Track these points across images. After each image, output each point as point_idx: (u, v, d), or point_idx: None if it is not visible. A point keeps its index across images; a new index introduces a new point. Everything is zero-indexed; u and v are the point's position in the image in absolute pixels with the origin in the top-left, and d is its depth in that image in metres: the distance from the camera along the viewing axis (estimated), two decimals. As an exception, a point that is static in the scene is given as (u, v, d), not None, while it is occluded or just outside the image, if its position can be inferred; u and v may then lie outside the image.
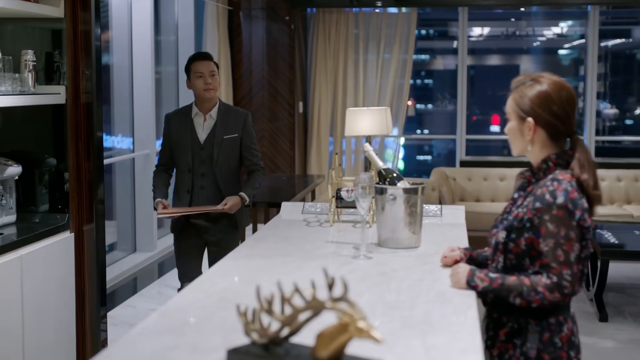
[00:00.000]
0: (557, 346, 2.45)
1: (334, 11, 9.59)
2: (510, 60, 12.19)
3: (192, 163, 4.48)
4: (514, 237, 2.46)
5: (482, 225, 6.18)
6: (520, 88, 2.50)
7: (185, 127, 4.50)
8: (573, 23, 11.48)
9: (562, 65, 11.82)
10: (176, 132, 4.52)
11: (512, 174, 8.58)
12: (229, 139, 4.49)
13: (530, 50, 11.81)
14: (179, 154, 4.51)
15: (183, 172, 4.52)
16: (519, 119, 2.49)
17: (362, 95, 9.62)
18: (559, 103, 2.45)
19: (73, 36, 4.02)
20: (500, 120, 11.45)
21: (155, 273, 7.35)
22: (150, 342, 1.95)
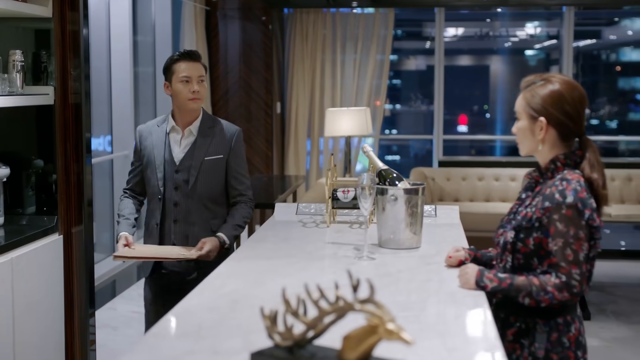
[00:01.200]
0: (565, 346, 2.46)
1: (311, 11, 9.57)
2: (479, 61, 12.26)
3: (163, 189, 3.62)
4: (523, 237, 2.47)
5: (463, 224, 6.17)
6: (532, 87, 2.51)
7: (159, 143, 3.66)
8: (545, 24, 11.58)
9: (529, 65, 11.91)
10: (148, 149, 3.68)
11: (490, 174, 8.62)
12: (211, 161, 3.61)
13: (500, 51, 11.88)
14: (150, 176, 3.68)
15: (153, 199, 3.69)
16: (530, 118, 2.49)
17: (340, 95, 9.62)
18: (571, 103, 2.46)
19: (61, 36, 3.97)
20: (468, 121, 11.54)
21: (134, 275, 7.29)
22: (168, 346, 1.92)
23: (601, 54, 11.94)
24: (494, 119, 11.65)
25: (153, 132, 3.70)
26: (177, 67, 3.58)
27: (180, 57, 3.61)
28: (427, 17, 10.99)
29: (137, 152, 3.76)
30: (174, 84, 3.59)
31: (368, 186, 2.84)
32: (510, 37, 11.68)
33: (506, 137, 11.62)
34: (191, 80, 3.56)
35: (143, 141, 3.71)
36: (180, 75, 3.57)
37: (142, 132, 3.75)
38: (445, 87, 9.82)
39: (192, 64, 3.60)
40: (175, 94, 3.59)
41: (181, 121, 3.66)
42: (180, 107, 3.62)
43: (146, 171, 3.69)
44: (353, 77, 9.63)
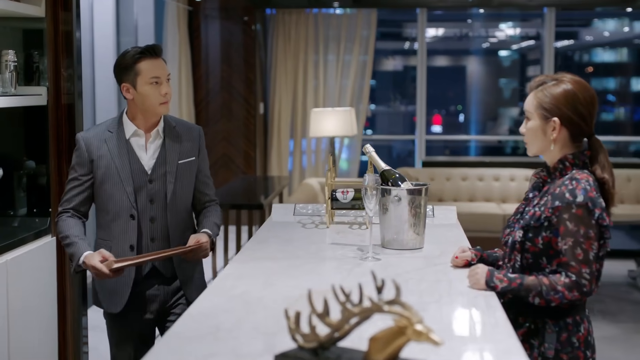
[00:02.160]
0: (575, 346, 2.48)
1: (293, 12, 9.56)
2: (457, 61, 12.30)
3: (136, 205, 3.10)
4: (531, 236, 2.47)
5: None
6: (544, 87, 2.51)
7: (119, 152, 3.09)
8: (524, 24, 11.65)
9: (504, 66, 11.98)
10: (104, 159, 3.09)
11: (473, 174, 8.66)
12: (185, 165, 3.18)
13: (478, 52, 11.92)
14: (111, 192, 3.09)
15: (119, 219, 3.09)
16: (542, 118, 2.50)
17: (323, 96, 9.61)
18: (584, 103, 2.47)
19: (54, 36, 3.93)
20: (442, 121, 11.57)
21: (118, 277, 7.22)
22: (190, 348, 1.91)
23: (575, 54, 12.02)
24: (469, 120, 11.69)
25: (107, 140, 3.10)
26: (142, 67, 3.04)
27: (143, 54, 3.06)
28: (407, 17, 11.01)
29: (83, 165, 3.10)
30: (141, 87, 3.04)
31: (373, 187, 2.83)
32: (489, 37, 11.74)
33: (484, 138, 11.68)
34: (161, 82, 3.07)
35: (95, 151, 3.09)
36: (149, 77, 3.04)
37: (89, 141, 3.11)
38: (417, 88, 9.86)
39: (157, 62, 3.08)
40: (142, 97, 3.06)
41: (144, 125, 3.13)
42: (146, 111, 3.09)
43: (103, 187, 3.09)
44: (336, 78, 9.63)
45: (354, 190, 3.47)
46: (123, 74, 3.07)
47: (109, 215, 3.10)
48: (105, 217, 3.12)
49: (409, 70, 11.89)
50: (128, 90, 3.08)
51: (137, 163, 3.11)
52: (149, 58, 3.05)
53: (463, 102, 11.80)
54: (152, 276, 3.16)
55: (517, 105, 11.76)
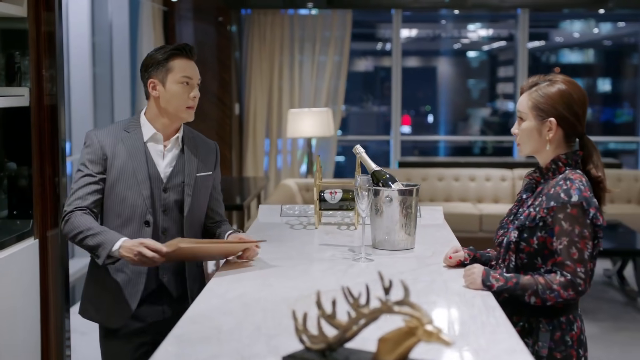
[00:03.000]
0: (568, 344, 2.49)
1: (268, 13, 9.55)
2: (428, 62, 12.34)
3: (152, 210, 2.90)
4: (526, 237, 2.49)
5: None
6: (539, 88, 2.53)
7: (136, 153, 2.90)
8: (496, 26, 11.72)
9: (473, 67, 12.04)
10: (120, 159, 2.88)
11: (450, 174, 8.70)
12: (202, 178, 3.01)
13: (449, 53, 11.97)
14: (125, 194, 2.87)
15: (130, 224, 2.87)
16: (538, 118, 2.51)
17: (298, 97, 9.61)
18: (578, 103, 2.49)
19: (36, 37, 3.89)
20: (411, 121, 11.60)
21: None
22: (193, 351, 1.89)
23: (543, 55, 12.12)
24: (438, 120, 11.72)
25: (124, 140, 2.91)
26: (175, 64, 2.87)
27: (179, 52, 2.89)
28: (380, 18, 11.03)
29: (97, 162, 2.87)
30: (170, 84, 2.86)
31: (365, 188, 2.83)
32: (461, 38, 11.80)
33: (457, 138, 11.73)
34: (192, 84, 2.90)
35: (109, 148, 2.88)
36: (180, 75, 2.86)
37: (104, 138, 2.90)
38: (388, 88, 9.89)
39: (191, 63, 2.92)
40: (169, 96, 2.86)
41: (163, 129, 2.94)
42: (171, 113, 2.89)
43: (115, 188, 2.87)
44: (311, 79, 9.64)
45: (342, 191, 3.47)
46: (153, 69, 2.89)
47: (120, 219, 2.87)
48: (114, 222, 2.86)
49: (380, 71, 11.92)
50: (155, 87, 2.89)
51: (153, 168, 2.91)
52: (183, 57, 2.89)
53: (433, 102, 11.83)
54: (159, 293, 2.95)
55: (486, 106, 11.83)
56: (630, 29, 11.45)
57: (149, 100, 2.95)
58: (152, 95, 2.91)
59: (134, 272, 2.88)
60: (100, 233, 2.74)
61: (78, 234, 2.77)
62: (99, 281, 2.94)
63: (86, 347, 5.20)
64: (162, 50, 2.90)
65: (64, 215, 2.84)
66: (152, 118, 2.94)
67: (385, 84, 11.51)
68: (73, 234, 2.79)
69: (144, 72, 2.93)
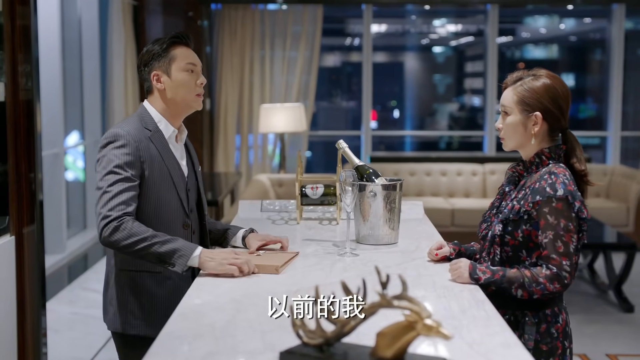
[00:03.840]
0: (554, 336, 2.52)
1: (239, 8, 9.51)
2: (395, 57, 12.36)
3: (189, 212, 2.84)
4: (511, 230, 2.51)
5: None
6: (523, 82, 2.55)
7: (168, 155, 2.78)
8: (465, 21, 11.79)
9: (439, 62, 12.09)
10: (156, 160, 2.74)
11: (421, 169, 8.74)
12: (199, 174, 3.00)
13: (416, 48, 11.99)
14: (162, 197, 2.75)
15: (170, 229, 2.72)
16: (523, 113, 2.53)
17: (269, 92, 9.59)
18: (563, 97, 2.52)
19: (11, 31, 3.84)
20: (377, 116, 11.63)
21: (65, 276, 7.11)
22: (189, 348, 1.88)
23: (508, 51, 12.22)
24: (404, 115, 11.74)
25: (152, 139, 2.74)
26: (177, 52, 2.77)
27: (178, 40, 2.80)
28: (349, 13, 11.04)
29: (134, 165, 2.67)
30: (175, 73, 2.75)
31: (349, 183, 2.83)
32: (430, 34, 11.84)
33: (426, 133, 11.78)
34: (197, 71, 2.80)
35: (145, 150, 2.71)
36: (185, 63, 2.76)
37: (138, 138, 2.70)
38: (357, 84, 9.90)
39: (191, 51, 2.83)
40: (176, 85, 2.76)
41: (175, 124, 2.83)
42: (180, 104, 2.79)
43: (155, 191, 2.73)
44: (282, 74, 9.62)
45: (323, 186, 3.47)
46: (154, 62, 2.77)
47: (162, 225, 2.71)
48: (156, 227, 2.66)
49: (347, 66, 11.93)
50: (159, 79, 2.76)
51: (180, 167, 2.83)
52: (183, 45, 2.80)
53: (399, 98, 11.85)
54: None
55: (452, 101, 11.88)
56: (596, 24, 11.57)
57: (151, 95, 2.83)
58: (156, 88, 2.79)
59: (181, 279, 2.76)
60: (171, 240, 2.57)
61: (140, 241, 2.55)
62: (143, 293, 2.74)
63: (59, 344, 5.15)
64: (159, 42, 2.80)
65: (108, 222, 2.58)
66: (165, 113, 2.81)
67: (353, 80, 11.51)
68: (132, 241, 2.55)
69: (144, 68, 2.80)
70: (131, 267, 2.73)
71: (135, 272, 2.73)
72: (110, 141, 2.68)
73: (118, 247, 2.58)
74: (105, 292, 2.83)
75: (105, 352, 5.04)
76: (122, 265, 2.74)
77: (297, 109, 7.69)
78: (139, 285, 2.73)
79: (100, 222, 2.59)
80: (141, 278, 2.73)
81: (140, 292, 2.73)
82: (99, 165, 2.69)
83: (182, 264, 2.53)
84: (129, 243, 2.55)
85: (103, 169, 2.66)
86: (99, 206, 2.63)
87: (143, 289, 2.73)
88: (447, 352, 1.84)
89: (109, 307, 2.79)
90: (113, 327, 2.79)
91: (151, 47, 2.79)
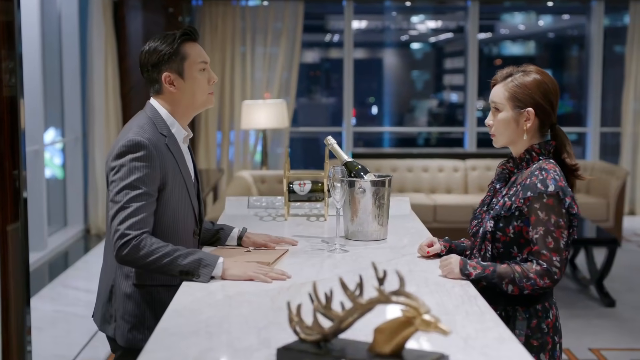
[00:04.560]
0: (544, 332, 2.53)
1: (220, 4, 9.49)
2: (374, 54, 12.36)
3: (197, 222, 2.76)
4: (502, 226, 2.52)
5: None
6: (514, 78, 2.55)
7: (182, 161, 2.68)
8: (445, 17, 11.82)
9: (420, 59, 12.11)
10: (173, 169, 2.62)
11: (403, 165, 8.75)
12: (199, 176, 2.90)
13: (396, 45, 12.00)
14: (176, 206, 2.64)
15: (184, 239, 2.66)
16: (515, 109, 2.54)
17: (250, 88, 9.57)
18: (554, 93, 2.54)
19: (-6, 26, 3.80)
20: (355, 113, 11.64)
21: (46, 273, 7.07)
22: (184, 344, 1.88)
23: (485, 47, 12.27)
24: (383, 112, 11.75)
25: (169, 145, 2.61)
26: (189, 51, 2.62)
27: (188, 36, 2.64)
28: (330, 10, 11.03)
29: (155, 178, 2.53)
30: (189, 73, 2.62)
31: (339, 179, 2.83)
32: (410, 30, 11.85)
33: (406, 130, 11.80)
34: (207, 68, 2.68)
35: (164, 159, 2.57)
36: (199, 61, 2.63)
37: (158, 147, 2.56)
38: (336, 80, 9.91)
39: (201, 48, 2.69)
40: (192, 86, 2.63)
41: (184, 125, 2.72)
42: (194, 104, 2.67)
43: (172, 201, 2.61)
44: (263, 70, 9.61)
45: (311, 182, 3.47)
46: (165, 63, 2.59)
47: (178, 235, 2.62)
48: (172, 238, 2.57)
49: (326, 63, 11.92)
50: (172, 81, 2.61)
51: (190, 174, 2.71)
52: (193, 41, 2.64)
53: (378, 94, 11.86)
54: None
55: (430, 97, 11.91)
56: (574, 21, 11.65)
57: (160, 95, 2.67)
58: (168, 90, 2.62)
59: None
60: (192, 252, 2.46)
61: (162, 257, 2.43)
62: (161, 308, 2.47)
63: (42, 342, 5.12)
64: (166, 40, 2.62)
65: (127, 240, 2.44)
66: (177, 114, 2.67)
67: (333, 76, 11.50)
68: (153, 258, 2.43)
69: (151, 68, 2.62)
70: (148, 282, 2.61)
71: (152, 287, 2.62)
72: (131, 150, 2.51)
73: (138, 265, 2.48)
74: (108, 302, 2.68)
75: (89, 350, 5.02)
76: (139, 280, 2.61)
77: (279, 105, 7.68)
78: (156, 300, 2.61)
79: (117, 240, 2.45)
80: (158, 293, 2.62)
81: (157, 306, 2.59)
82: (115, 175, 2.52)
83: (207, 274, 2.42)
84: (150, 261, 2.44)
85: (121, 180, 2.49)
86: (117, 222, 2.46)
87: (160, 303, 2.58)
88: (442, 347, 1.84)
89: (121, 322, 2.63)
90: (127, 343, 2.63)
91: (159, 47, 2.61)
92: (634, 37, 9.76)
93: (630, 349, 5.19)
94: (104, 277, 2.72)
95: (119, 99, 8.72)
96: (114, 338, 2.68)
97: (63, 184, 8.63)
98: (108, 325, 2.69)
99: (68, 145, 8.55)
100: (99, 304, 2.75)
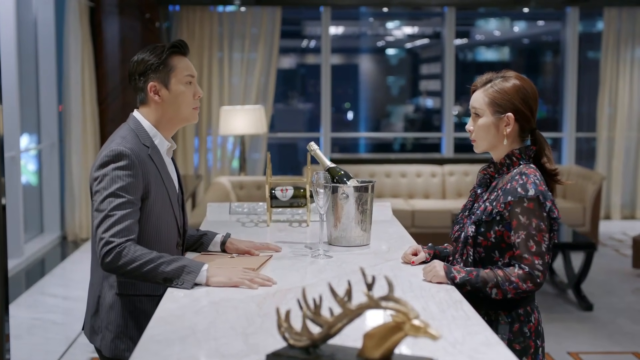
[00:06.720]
0: (527, 336, 2.55)
1: (197, 9, 9.47)
2: (350, 60, 12.38)
3: (181, 233, 2.79)
4: (483, 231, 2.54)
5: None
6: (494, 84, 2.58)
7: (165, 172, 2.70)
8: (422, 23, 11.87)
9: (395, 65, 12.14)
10: (156, 179, 2.64)
11: (381, 170, 8.77)
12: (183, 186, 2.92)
13: (371, 50, 12.03)
14: (160, 217, 2.65)
15: (167, 249, 2.67)
16: (495, 114, 2.56)
17: (228, 94, 9.56)
18: (533, 98, 2.57)
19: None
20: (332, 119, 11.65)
21: (23, 281, 7.00)
22: (172, 352, 1.87)
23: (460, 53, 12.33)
24: (358, 117, 11.77)
25: (151, 156, 2.64)
26: (176, 63, 2.65)
27: (177, 49, 2.68)
28: (307, 15, 11.05)
29: (137, 187, 2.55)
30: (175, 85, 2.64)
31: (322, 184, 2.83)
32: (386, 36, 11.89)
33: (383, 135, 11.83)
34: (194, 82, 2.71)
35: (146, 169, 2.59)
36: (186, 74, 2.66)
37: (140, 157, 2.58)
38: (313, 85, 9.91)
39: (189, 62, 2.72)
40: (174, 99, 2.65)
41: (168, 137, 2.73)
42: (177, 117, 2.69)
43: (155, 212, 2.63)
44: (240, 76, 9.60)
45: (293, 188, 3.47)
46: (151, 73, 2.62)
47: (160, 246, 2.62)
48: (155, 249, 2.56)
49: (302, 68, 11.93)
50: (157, 91, 2.64)
51: (173, 185, 2.73)
52: (181, 54, 2.68)
53: (353, 100, 11.88)
54: None
55: (406, 103, 11.94)
56: (549, 27, 11.74)
57: (145, 106, 2.69)
58: (153, 100, 2.65)
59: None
60: (176, 259, 2.46)
61: (146, 264, 2.43)
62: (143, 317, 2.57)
63: (20, 350, 5.08)
64: (155, 51, 2.65)
65: (111, 248, 2.45)
66: (162, 127, 2.69)
67: (309, 82, 11.51)
68: (137, 264, 2.43)
69: (138, 77, 2.66)
70: (131, 292, 2.61)
71: (135, 297, 2.61)
72: (113, 160, 2.53)
73: (122, 272, 2.47)
74: (95, 313, 2.67)
75: (67, 357, 4.98)
76: (122, 289, 2.61)
77: (257, 111, 7.68)
78: (139, 310, 2.61)
79: (102, 247, 2.45)
80: (141, 302, 2.61)
81: (140, 316, 2.60)
82: (98, 184, 2.53)
83: (190, 281, 2.42)
84: (134, 267, 2.43)
85: (104, 190, 2.50)
86: (101, 230, 2.47)
87: (143, 313, 2.59)
88: (431, 352, 1.85)
89: (106, 332, 2.62)
90: (110, 354, 2.62)
91: (146, 57, 2.64)
92: (609, 42, 9.86)
93: (608, 352, 5.23)
94: (92, 289, 2.71)
95: (95, 105, 8.67)
96: (100, 349, 2.67)
97: (38, 190, 8.57)
98: (96, 336, 2.67)
99: (44, 151, 8.49)
100: (87, 316, 2.74)
